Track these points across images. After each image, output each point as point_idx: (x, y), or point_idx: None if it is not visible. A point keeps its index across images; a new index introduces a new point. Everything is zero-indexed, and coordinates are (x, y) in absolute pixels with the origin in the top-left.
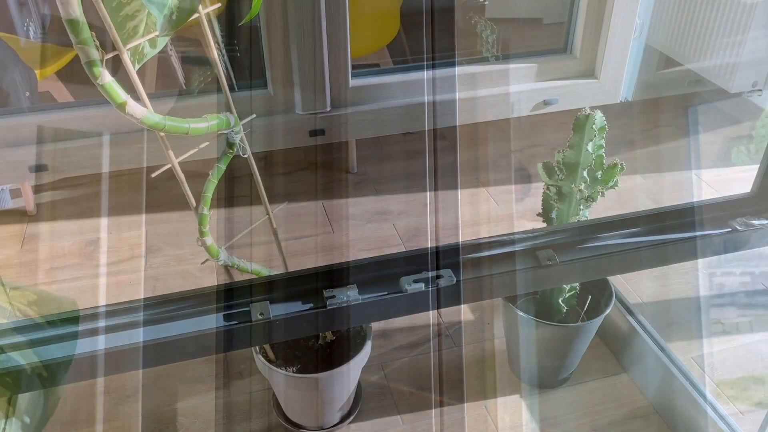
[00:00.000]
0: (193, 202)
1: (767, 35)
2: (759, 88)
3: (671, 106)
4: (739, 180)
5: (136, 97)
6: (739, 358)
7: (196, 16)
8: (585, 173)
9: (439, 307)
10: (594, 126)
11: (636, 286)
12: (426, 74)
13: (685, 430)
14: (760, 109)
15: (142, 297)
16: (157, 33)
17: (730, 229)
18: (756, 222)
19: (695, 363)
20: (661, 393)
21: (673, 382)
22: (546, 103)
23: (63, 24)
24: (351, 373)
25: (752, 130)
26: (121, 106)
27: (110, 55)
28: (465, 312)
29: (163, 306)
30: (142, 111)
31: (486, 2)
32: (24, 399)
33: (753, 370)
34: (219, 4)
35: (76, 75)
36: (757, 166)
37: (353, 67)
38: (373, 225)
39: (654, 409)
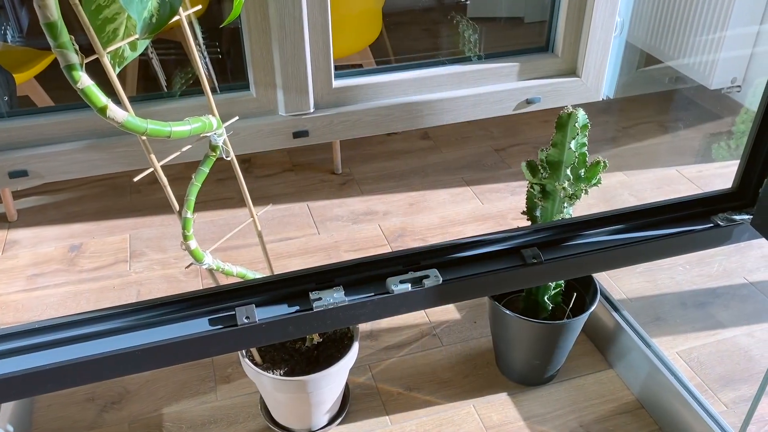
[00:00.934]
0: (177, 206)
1: (745, 32)
2: (738, 84)
3: (652, 103)
4: (719, 175)
5: (117, 101)
6: (722, 352)
7: (176, 18)
8: (568, 171)
9: (425, 307)
10: (577, 124)
11: (620, 282)
12: (409, 74)
13: (671, 424)
14: (740, 105)
15: (126, 302)
16: (136, 36)
17: (712, 225)
18: (737, 217)
19: (680, 357)
20: (647, 388)
21: (658, 376)
22: (529, 101)
23: (41, 27)
24: (338, 375)
25: (732, 126)
26: (102, 110)
27: (90, 59)
28: (452, 311)
29: (147, 311)
30: (123, 115)
31: (468, 2)
32: (7, 407)
33: (736, 364)
34: (200, 6)
35: (56, 79)
36: (737, 162)
37: (336, 68)
38: (358, 226)
39: (640, 404)
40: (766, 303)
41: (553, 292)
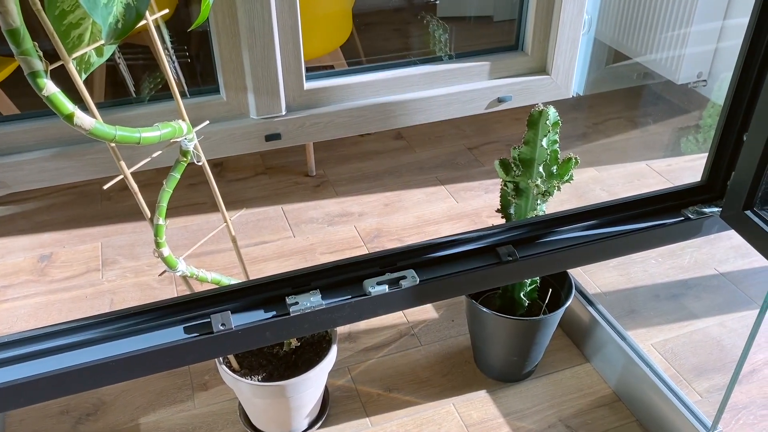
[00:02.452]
0: (148, 213)
1: (709, 28)
2: (704, 79)
3: (621, 98)
4: (688, 168)
5: (84, 108)
6: (696, 343)
7: (143, 23)
8: (541, 168)
9: (403, 307)
10: (548, 122)
11: (595, 277)
12: (381, 75)
13: (647, 415)
14: (706, 99)
15: (98, 312)
16: (102, 42)
17: (683, 218)
18: (707, 210)
19: (655, 349)
20: (623, 380)
21: (634, 369)
22: (500, 100)
23: (3, 34)
24: (318, 379)
25: (699, 120)
26: (69, 118)
27: (55, 66)
28: (429, 310)
29: (120, 321)
30: (90, 122)
31: (437, 1)
32: None
33: (709, 354)
34: (167, 10)
35: (21, 86)
36: (705, 155)
37: (307, 69)
38: (334, 227)
39: (617, 397)
40: (736, 293)
41: (528, 289)
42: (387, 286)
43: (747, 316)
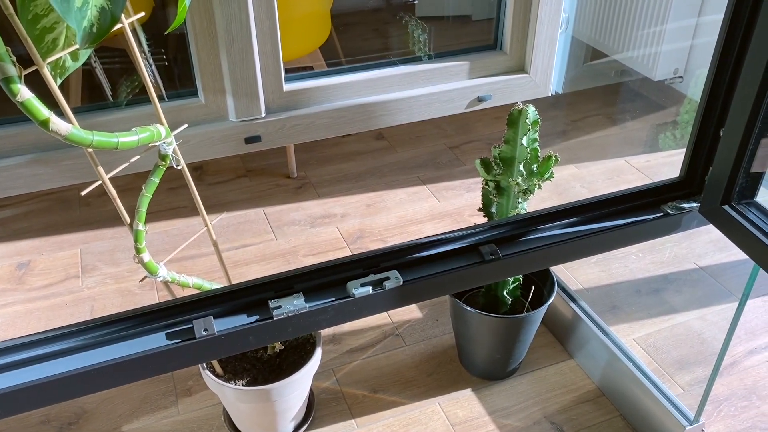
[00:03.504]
0: (127, 219)
1: (685, 25)
2: (680, 75)
3: (600, 96)
4: (667, 164)
5: (60, 113)
6: (677, 336)
7: (119, 26)
8: (521, 167)
9: (387, 308)
10: (527, 120)
11: (576, 273)
12: (361, 75)
13: (631, 410)
14: (683, 95)
15: (79, 320)
16: (77, 46)
17: (662, 214)
18: (686, 205)
19: (637, 344)
20: (606, 376)
21: (617, 364)
22: (480, 99)
23: None
24: (302, 382)
25: (677, 116)
26: (44, 124)
27: (29, 71)
28: (413, 310)
29: (101, 329)
30: (67, 127)
31: (415, 1)
32: None
33: (690, 347)
34: (143, 13)
35: None
36: (683, 151)
37: (286, 71)
38: (316, 229)
39: (601, 392)
40: (716, 287)
41: (511, 287)
42: (371, 288)
43: (726, 308)
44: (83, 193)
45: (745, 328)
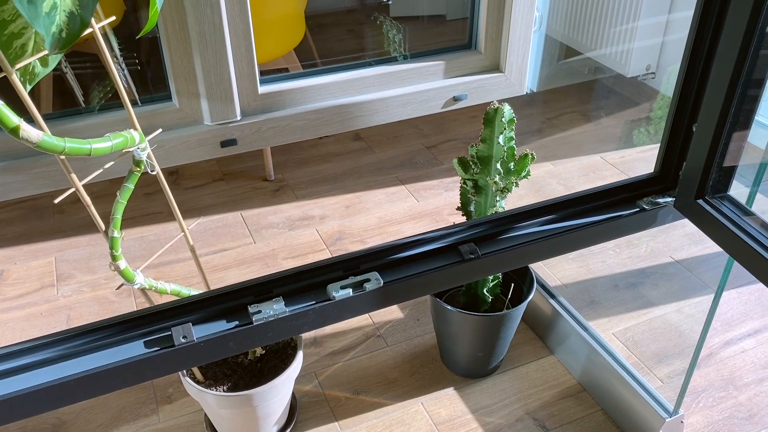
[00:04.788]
0: (102, 226)
1: (656, 21)
2: (652, 71)
3: (574, 93)
4: (641, 159)
5: (31, 120)
6: (655, 330)
7: (89, 31)
8: (498, 165)
9: (368, 310)
10: (503, 119)
11: (555, 270)
12: (336, 77)
13: (612, 404)
14: (656, 91)
15: (55, 329)
16: (46, 52)
17: (638, 209)
18: (661, 200)
19: (616, 338)
20: (587, 371)
21: (597, 359)
22: (456, 99)
23: None
24: (284, 386)
25: (650, 112)
26: (14, 131)
27: None
28: (395, 310)
29: (78, 339)
30: (38, 135)
31: (390, 1)
32: None
33: (669, 340)
34: (114, 17)
35: None
36: (657, 146)
37: (261, 73)
38: (295, 232)
39: (582, 387)
40: (692, 279)
41: (491, 285)
42: (351, 290)
43: (703, 301)
44: (56, 201)
45: (721, 319)
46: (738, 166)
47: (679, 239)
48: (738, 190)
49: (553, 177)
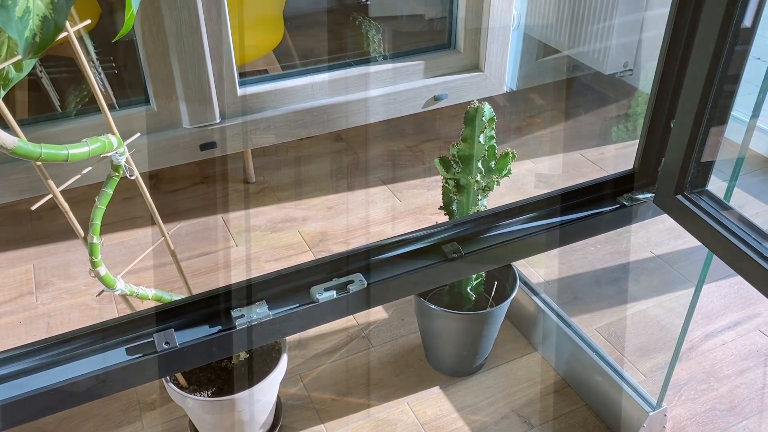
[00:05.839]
0: (81, 232)
1: (632, 19)
2: (630, 68)
3: (553, 91)
4: (620, 156)
5: (6, 126)
6: (637, 324)
7: (64, 34)
8: (480, 164)
9: (352, 312)
10: (483, 118)
11: (538, 267)
12: (316, 77)
13: (596, 399)
14: (634, 88)
15: (35, 338)
16: (20, 56)
17: (618, 206)
18: (641, 196)
19: (599, 333)
20: (571, 367)
21: (580, 354)
22: (436, 98)
23: None
24: (269, 390)
25: (628, 109)
26: None
27: None
28: (379, 311)
29: (58, 347)
30: (13, 141)
31: (368, 2)
32: None
33: (651, 334)
34: (89, 21)
35: None
36: (636, 142)
37: (240, 74)
38: (277, 234)
39: (566, 383)
40: (672, 274)
41: (475, 283)
42: (335, 292)
43: (683, 295)
44: (33, 207)
45: (701, 313)
46: (716, 161)
47: (659, 234)
48: (716, 185)
49: (534, 175)
